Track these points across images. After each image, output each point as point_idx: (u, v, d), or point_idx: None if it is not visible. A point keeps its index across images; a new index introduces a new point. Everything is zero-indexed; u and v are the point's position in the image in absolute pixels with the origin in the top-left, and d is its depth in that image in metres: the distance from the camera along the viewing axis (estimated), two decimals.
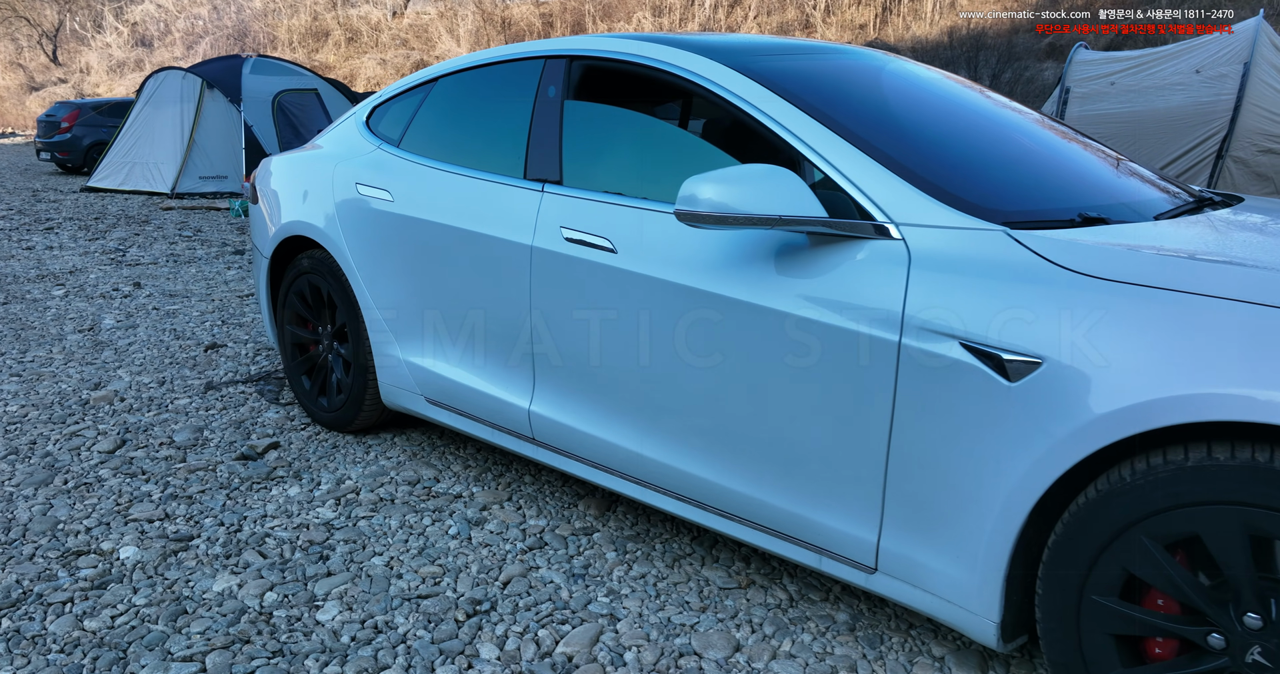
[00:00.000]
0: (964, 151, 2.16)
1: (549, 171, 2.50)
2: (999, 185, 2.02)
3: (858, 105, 2.17)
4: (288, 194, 3.33)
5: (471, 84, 2.90)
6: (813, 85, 2.20)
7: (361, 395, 3.14)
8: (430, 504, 2.76)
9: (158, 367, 4.13)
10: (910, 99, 2.36)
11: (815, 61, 2.40)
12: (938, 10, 29.30)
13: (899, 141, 2.04)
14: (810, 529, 1.98)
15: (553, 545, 2.52)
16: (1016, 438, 1.61)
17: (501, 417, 2.65)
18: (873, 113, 2.17)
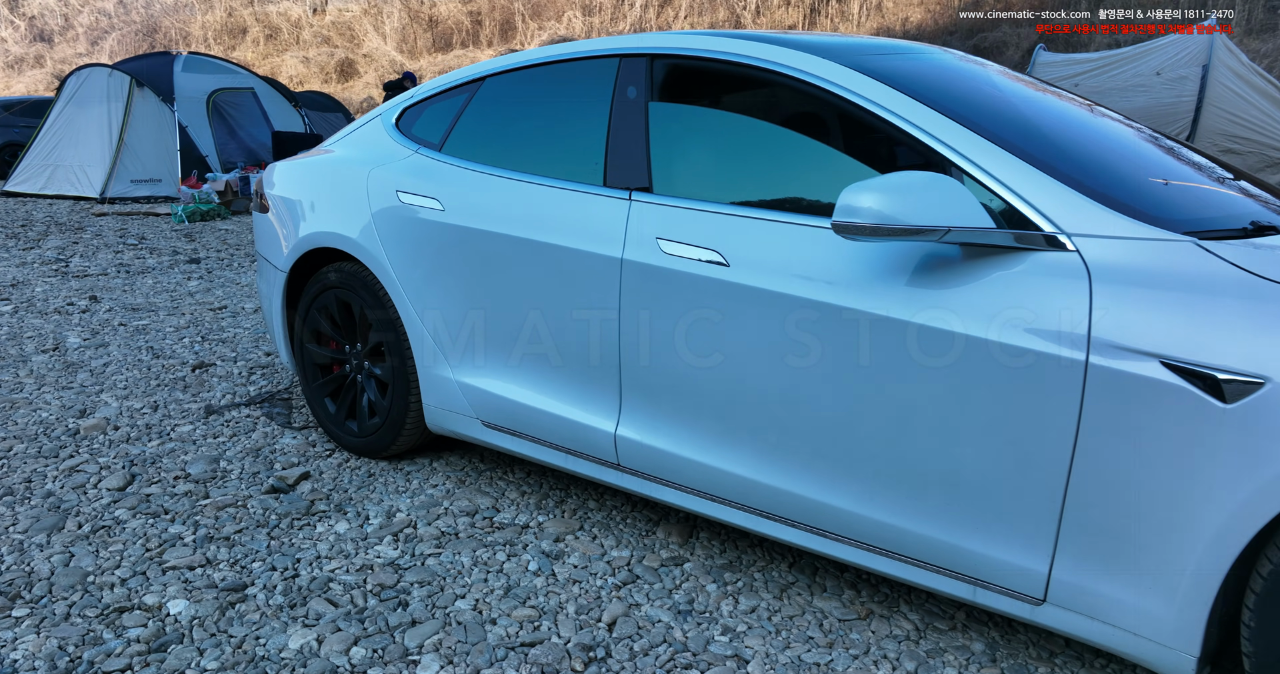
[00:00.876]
0: (1112, 159, 2.07)
1: (635, 178, 2.33)
2: (1161, 194, 1.93)
3: (990, 109, 2.06)
4: (309, 202, 3.07)
5: (526, 84, 2.70)
6: (939, 87, 2.08)
7: (401, 419, 2.91)
8: (498, 537, 2.56)
9: (145, 389, 3.80)
10: (1031, 103, 2.26)
11: (921, 62, 2.28)
12: (864, 12, 29.83)
13: (1048, 147, 1.93)
14: (965, 560, 1.86)
15: (645, 579, 2.35)
16: (1232, 464, 1.51)
17: (579, 441, 2.47)
18: (1010, 117, 2.06)
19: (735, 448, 2.15)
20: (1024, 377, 1.71)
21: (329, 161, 3.11)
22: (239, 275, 6.40)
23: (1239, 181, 2.18)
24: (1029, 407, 1.71)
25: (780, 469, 2.08)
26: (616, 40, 2.52)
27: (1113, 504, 1.66)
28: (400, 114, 3.05)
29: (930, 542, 1.90)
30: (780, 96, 2.21)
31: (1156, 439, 1.59)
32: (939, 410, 1.82)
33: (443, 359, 2.74)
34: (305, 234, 3.03)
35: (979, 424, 1.78)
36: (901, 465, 1.90)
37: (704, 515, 2.29)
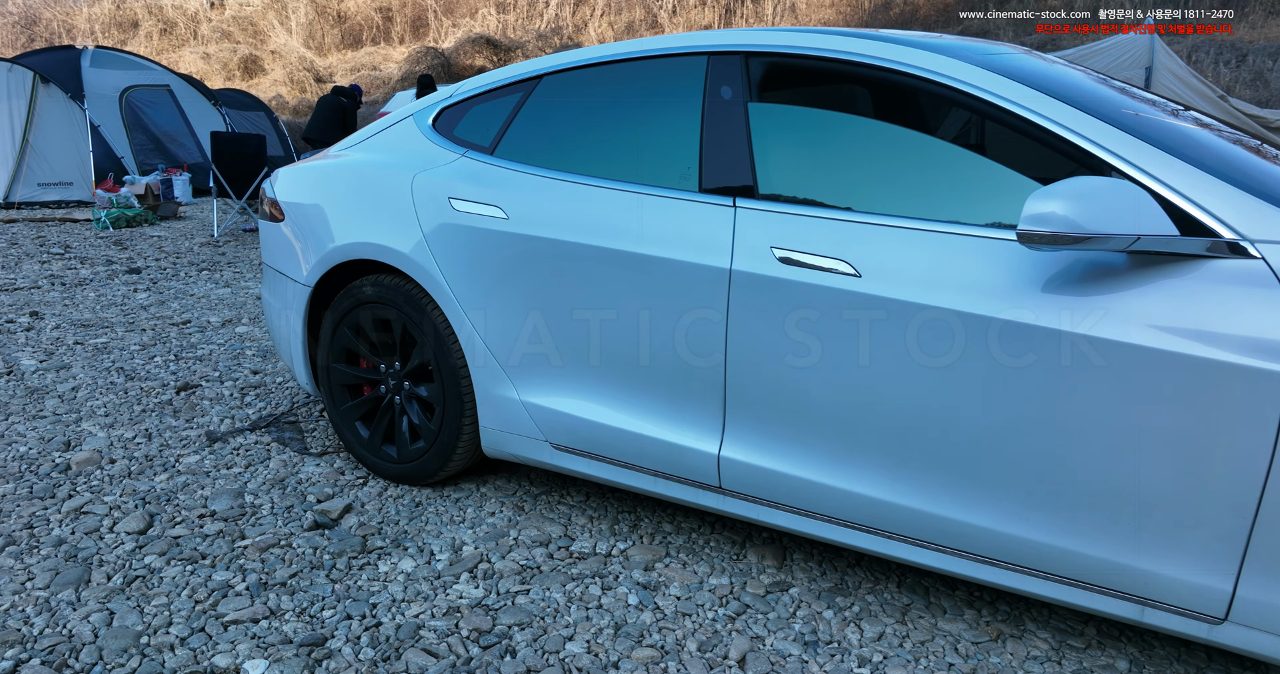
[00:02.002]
0: (1260, 161, 2.02)
1: (737, 184, 2.19)
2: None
3: (1125, 111, 2.00)
4: (339, 211, 2.82)
5: (592, 83, 2.53)
6: (1068, 88, 2.01)
7: (452, 444, 2.70)
8: (583, 568, 2.39)
9: (130, 416, 3.46)
10: (1154, 105, 2.21)
11: (1032, 62, 2.22)
12: (779, 13, 30.25)
13: (1201, 151, 1.88)
14: (1132, 579, 1.79)
15: (757, 608, 2.22)
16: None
17: (671, 463, 2.32)
18: (1149, 120, 2.00)
19: (862, 468, 2.04)
20: (1211, 389, 1.65)
21: (357, 166, 2.87)
22: (188, 286, 5.98)
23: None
24: (1217, 420, 1.65)
25: (916, 489, 1.98)
26: (698, 37, 2.38)
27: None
28: (438, 115, 2.83)
29: (1091, 561, 1.82)
30: (907, 99, 2.11)
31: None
32: (1108, 426, 1.75)
33: (505, 378, 2.55)
34: (337, 245, 2.78)
35: (1157, 439, 1.71)
36: (1060, 483, 1.82)
37: (821, 539, 2.18)
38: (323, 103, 10.32)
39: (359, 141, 3.03)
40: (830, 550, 2.50)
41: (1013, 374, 1.82)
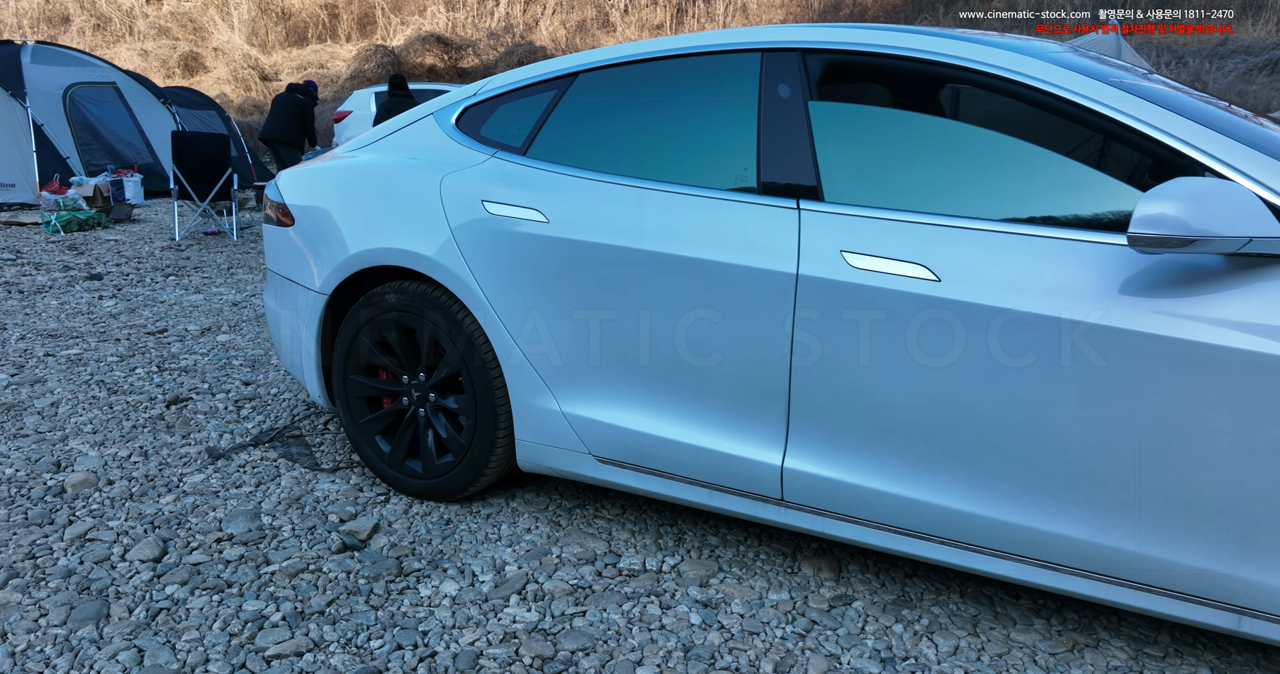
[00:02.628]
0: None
1: (800, 186, 2.12)
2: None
3: (1202, 109, 1.97)
4: (357, 215, 2.68)
5: (633, 81, 2.43)
6: (1139, 87, 1.97)
7: (485, 457, 2.58)
8: (636, 586, 2.29)
9: (121, 433, 3.27)
10: (1207, 101, 2.19)
11: (1097, 62, 2.18)
12: (730, 13, 30.37)
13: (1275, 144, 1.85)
14: (1231, 588, 1.76)
15: (824, 624, 2.14)
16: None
17: (728, 475, 2.23)
18: (1222, 116, 1.97)
19: (941, 478, 1.98)
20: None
21: (376, 168, 2.72)
22: (155, 292, 5.72)
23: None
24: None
25: (1001, 499, 1.92)
26: (748, 33, 2.29)
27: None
28: (462, 113, 2.70)
29: (1188, 571, 1.78)
30: (979, 98, 2.05)
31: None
32: (1208, 432, 1.71)
33: (545, 389, 2.44)
34: (357, 251, 2.64)
35: (1261, 445, 1.67)
36: (1157, 491, 1.78)
37: (892, 552, 2.11)
38: (279, 101, 10.02)
39: (371, 142, 2.88)
40: (885, 560, 2.44)
41: (1105, 379, 1.77)
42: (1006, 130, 1.98)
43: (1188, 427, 1.73)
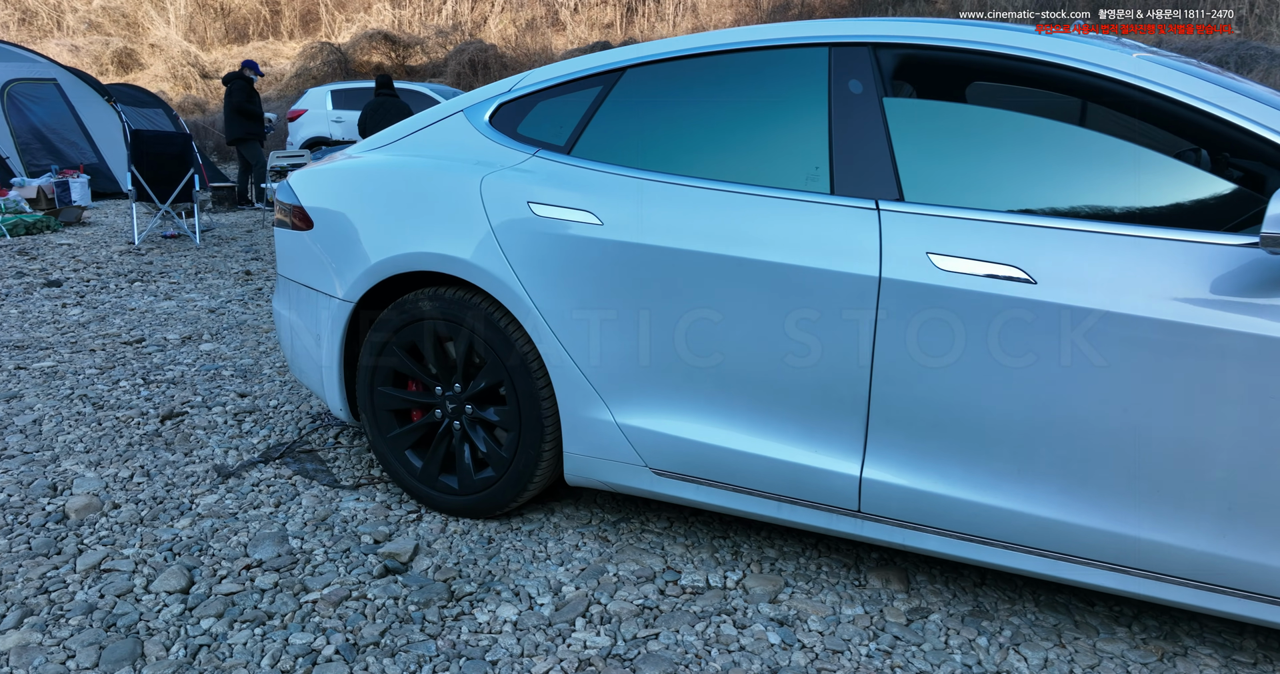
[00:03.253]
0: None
1: (878, 185, 2.04)
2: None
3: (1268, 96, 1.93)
4: (385, 217, 2.53)
5: (689, 76, 2.32)
6: (1237, 84, 1.94)
7: (530, 471, 2.45)
8: (704, 605, 2.19)
9: (116, 452, 3.06)
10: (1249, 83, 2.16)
11: (1174, 58, 2.14)
12: (680, 12, 30.38)
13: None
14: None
15: (907, 639, 2.07)
16: None
17: (803, 487, 2.15)
18: None
19: (1035, 487, 1.92)
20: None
21: (406, 168, 2.58)
22: (123, 299, 5.44)
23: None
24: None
25: (1098, 508, 1.87)
26: (813, 27, 2.21)
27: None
28: (495, 111, 2.57)
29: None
30: (1068, 94, 1.99)
31: None
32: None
33: (598, 399, 2.32)
34: (388, 256, 2.49)
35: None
36: (1265, 498, 1.74)
37: (978, 563, 2.04)
38: (225, 101, 9.70)
39: (391, 141, 2.73)
40: (951, 569, 2.38)
41: (1215, 382, 1.73)
42: (1094, 126, 1.93)
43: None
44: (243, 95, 9.65)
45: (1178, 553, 1.82)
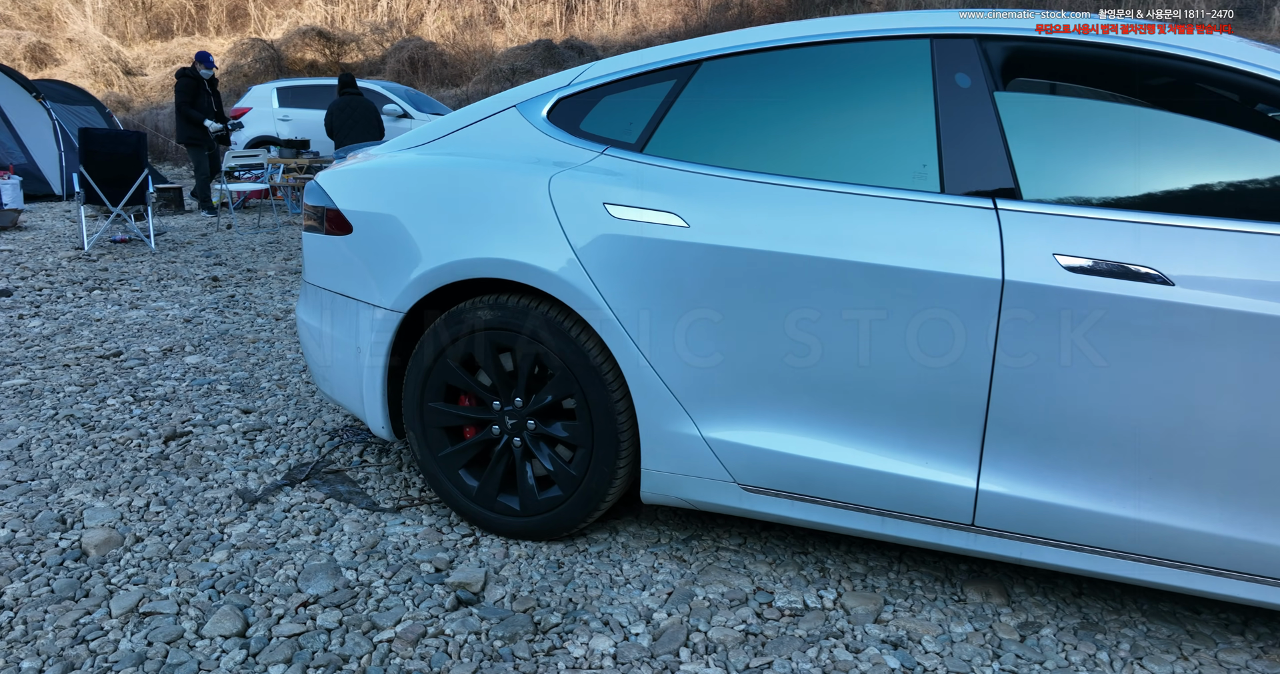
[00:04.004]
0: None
1: (993, 183, 1.94)
2: None
3: None
4: (444, 220, 2.35)
5: (774, 69, 2.20)
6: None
7: (603, 490, 2.30)
8: (809, 628, 2.07)
9: (124, 478, 2.80)
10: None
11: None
12: (619, 10, 30.24)
13: None
14: None
15: (1028, 657, 1.98)
16: None
17: (913, 501, 2.04)
18: None
19: (1171, 497, 1.85)
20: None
21: (460, 167, 2.40)
22: (84, 309, 5.09)
23: None
24: None
25: (1243, 519, 1.80)
26: (911, 18, 2.10)
27: None
28: (553, 106, 2.41)
29: None
30: (1192, 87, 1.92)
31: None
32: None
33: (682, 413, 2.18)
34: (445, 263, 2.31)
35: None
36: None
37: (1095, 574, 1.96)
38: (181, 76, 9.20)
39: (433, 139, 2.55)
40: (1047, 578, 2.30)
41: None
42: (1219, 120, 1.87)
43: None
44: (185, 95, 9.17)
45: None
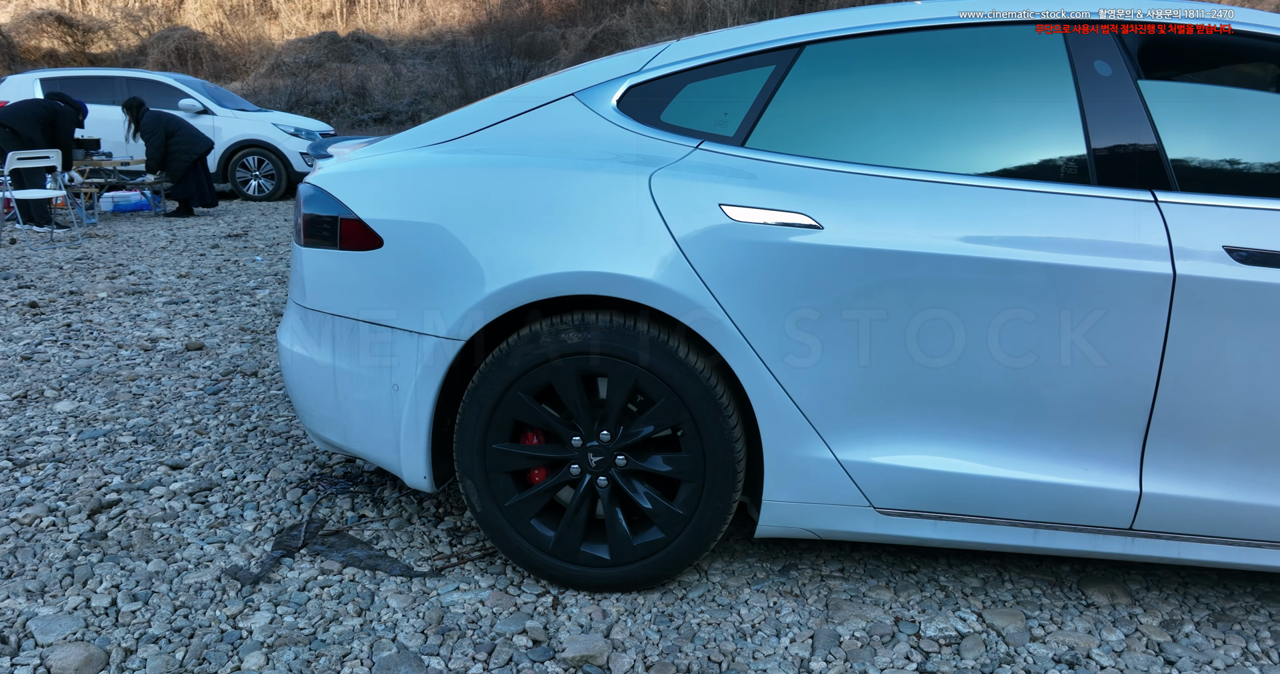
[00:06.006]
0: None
1: (1146, 175, 1.87)
2: None
3: None
4: (511, 229, 1.97)
5: (887, 55, 2.01)
6: None
7: (716, 527, 2.04)
8: (978, 658, 1.91)
9: (60, 570, 2.19)
10: None
11: None
12: (405, 4, 29.04)
13: None
14: None
15: (1195, 658, 1.94)
16: None
17: (1067, 510, 1.94)
18: None
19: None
20: None
21: (522, 166, 2.03)
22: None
23: None
24: None
25: None
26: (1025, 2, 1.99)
27: None
28: (623, 94, 2.10)
29: None
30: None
31: None
32: None
33: (815, 435, 1.96)
34: (523, 279, 1.94)
35: None
36: None
37: (1256, 567, 1.95)
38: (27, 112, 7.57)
39: (464, 133, 2.16)
40: (1147, 571, 2.29)
41: None
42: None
43: None
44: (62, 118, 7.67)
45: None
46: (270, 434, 3.11)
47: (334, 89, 20.25)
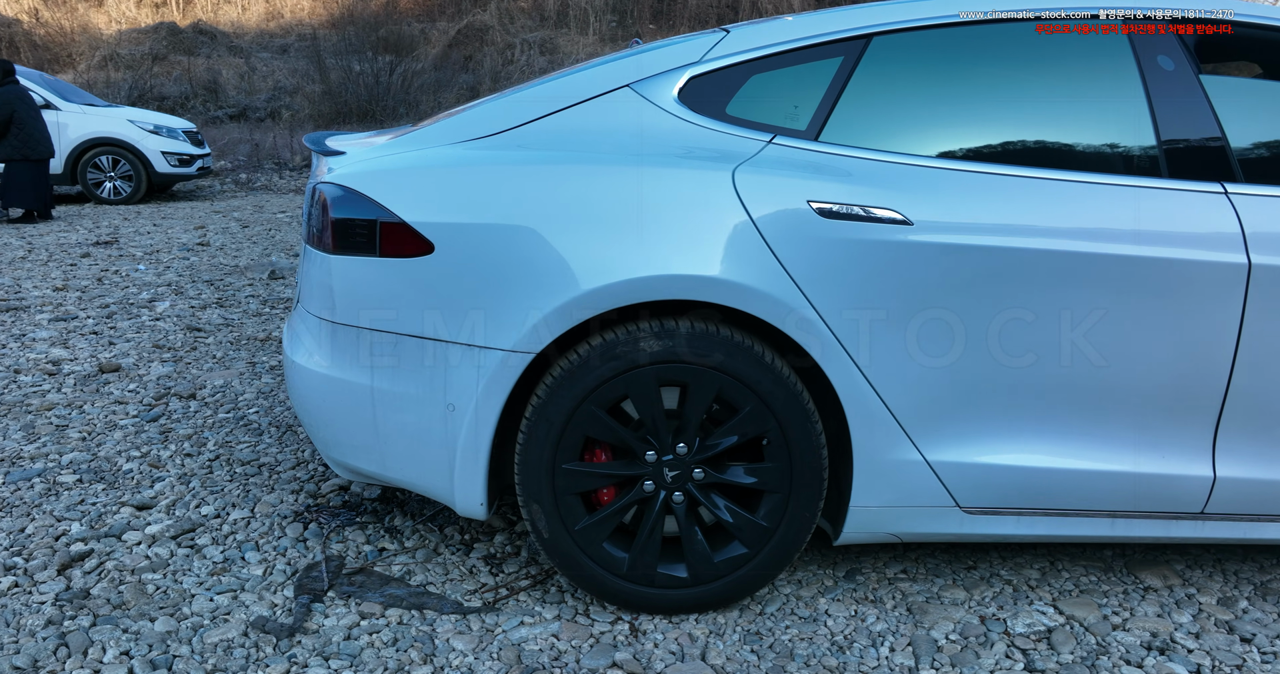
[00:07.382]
0: None
1: (1214, 168, 1.91)
2: None
3: None
4: (584, 231, 1.81)
5: (961, 47, 1.97)
6: None
7: (800, 538, 1.96)
8: (1072, 652, 1.91)
9: (47, 641, 1.87)
10: None
11: None
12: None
13: None
14: None
15: (1266, 633, 2.01)
16: None
17: (1143, 498, 1.97)
18: None
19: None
20: None
21: (595, 161, 1.87)
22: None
23: None
24: None
25: None
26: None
27: None
28: (683, 85, 1.97)
29: None
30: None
31: None
32: None
33: (904, 437, 1.91)
34: (602, 285, 1.79)
35: None
36: None
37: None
38: None
39: (505, 128, 1.98)
40: (1182, 550, 2.36)
41: None
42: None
43: None
44: None
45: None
46: (238, 463, 2.80)
47: (181, 83, 18.85)
